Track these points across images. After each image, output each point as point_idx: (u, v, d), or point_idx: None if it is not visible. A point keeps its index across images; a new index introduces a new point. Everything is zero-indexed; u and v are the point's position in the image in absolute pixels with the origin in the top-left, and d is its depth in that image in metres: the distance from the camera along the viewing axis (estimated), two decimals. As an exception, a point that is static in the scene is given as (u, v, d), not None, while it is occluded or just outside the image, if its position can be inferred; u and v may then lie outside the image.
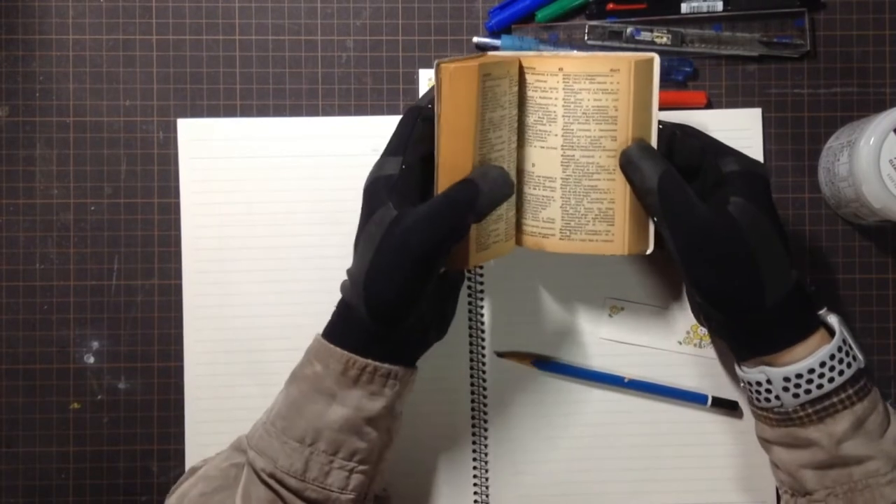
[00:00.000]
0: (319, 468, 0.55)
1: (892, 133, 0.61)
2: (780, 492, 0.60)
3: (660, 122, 0.59)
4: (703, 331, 0.68)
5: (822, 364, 0.54)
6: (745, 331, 0.56)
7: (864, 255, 0.70)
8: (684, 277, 0.57)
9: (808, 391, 0.54)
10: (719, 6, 0.68)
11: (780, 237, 0.56)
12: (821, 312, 0.57)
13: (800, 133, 0.70)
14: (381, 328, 0.55)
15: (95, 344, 0.69)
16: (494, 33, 0.69)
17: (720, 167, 0.57)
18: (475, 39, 0.69)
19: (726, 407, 0.68)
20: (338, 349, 0.56)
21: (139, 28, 0.69)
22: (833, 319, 0.56)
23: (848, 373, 0.54)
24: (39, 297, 0.69)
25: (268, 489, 0.56)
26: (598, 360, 0.68)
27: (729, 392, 0.68)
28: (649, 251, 0.60)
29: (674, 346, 0.69)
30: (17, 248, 0.69)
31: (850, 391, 0.54)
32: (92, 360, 0.69)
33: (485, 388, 0.68)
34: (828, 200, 0.69)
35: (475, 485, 0.68)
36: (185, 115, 0.69)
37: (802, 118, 0.70)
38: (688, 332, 0.68)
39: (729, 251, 0.54)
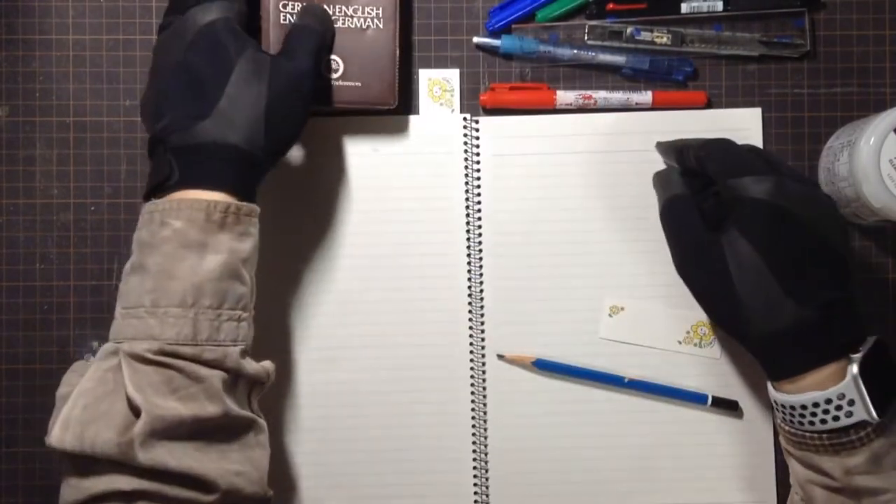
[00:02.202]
0: (210, 325, 0.52)
1: (892, 133, 0.61)
2: (795, 497, 0.59)
3: (682, 141, 0.62)
4: (703, 331, 0.68)
5: (816, 405, 0.53)
6: (751, 352, 0.57)
7: (864, 255, 0.70)
8: None
9: (800, 423, 0.54)
10: (719, 6, 0.68)
11: (775, 272, 0.53)
12: (858, 351, 0.54)
13: (800, 133, 0.70)
14: (260, 165, 0.56)
15: (95, 344, 0.68)
16: (494, 33, 0.69)
17: (735, 189, 0.56)
18: (475, 39, 0.69)
19: (726, 407, 0.68)
20: (192, 198, 0.53)
21: (139, 28, 0.69)
22: (853, 369, 0.53)
23: (847, 420, 0.52)
24: (39, 297, 0.69)
25: (159, 368, 0.51)
26: (598, 360, 0.68)
27: (729, 392, 0.68)
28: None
29: (674, 345, 0.69)
30: (17, 248, 0.69)
31: (869, 429, 0.52)
32: (92, 359, 0.68)
33: (485, 388, 0.68)
34: (828, 200, 0.69)
35: (475, 485, 0.68)
36: (185, 115, 0.69)
37: (802, 118, 0.70)
38: (688, 332, 0.68)
39: (712, 282, 0.56)
